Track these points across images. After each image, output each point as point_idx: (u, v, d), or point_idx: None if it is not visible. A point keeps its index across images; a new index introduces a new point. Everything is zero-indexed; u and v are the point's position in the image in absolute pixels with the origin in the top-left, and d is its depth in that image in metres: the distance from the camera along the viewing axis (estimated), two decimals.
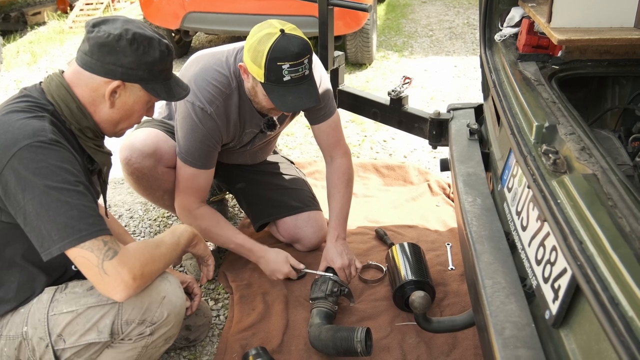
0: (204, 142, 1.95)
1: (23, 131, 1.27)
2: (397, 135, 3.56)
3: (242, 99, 1.98)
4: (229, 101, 1.94)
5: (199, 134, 1.92)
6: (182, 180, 2.02)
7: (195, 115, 1.90)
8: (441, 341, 1.87)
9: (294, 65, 1.75)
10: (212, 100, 1.90)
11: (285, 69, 1.74)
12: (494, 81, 1.79)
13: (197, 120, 1.90)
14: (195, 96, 1.89)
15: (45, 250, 1.26)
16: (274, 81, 1.76)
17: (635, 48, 1.75)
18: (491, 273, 1.25)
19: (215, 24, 4.78)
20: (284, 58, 1.73)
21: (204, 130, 1.92)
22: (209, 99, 1.90)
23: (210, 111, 1.90)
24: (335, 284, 1.97)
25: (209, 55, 2.00)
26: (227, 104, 1.94)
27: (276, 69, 1.74)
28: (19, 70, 5.25)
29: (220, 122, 1.94)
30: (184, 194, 2.04)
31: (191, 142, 1.94)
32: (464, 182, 1.65)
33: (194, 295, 1.74)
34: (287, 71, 1.75)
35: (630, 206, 1.03)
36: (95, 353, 1.44)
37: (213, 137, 1.96)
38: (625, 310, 0.84)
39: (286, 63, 1.73)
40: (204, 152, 1.97)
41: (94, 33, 1.35)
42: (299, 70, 1.77)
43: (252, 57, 1.76)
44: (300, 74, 1.78)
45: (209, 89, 1.90)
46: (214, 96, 1.91)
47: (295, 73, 1.76)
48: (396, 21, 6.82)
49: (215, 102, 1.91)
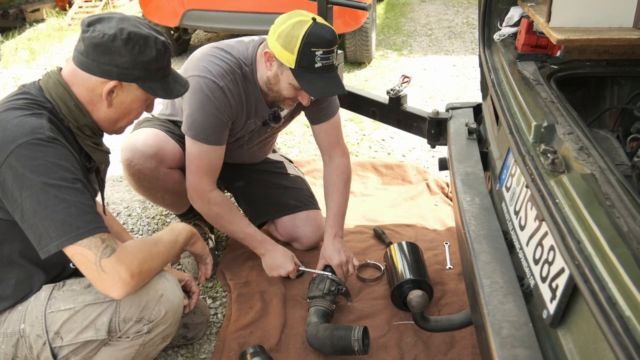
0: (216, 115, 1.89)
1: (21, 129, 1.27)
2: (396, 134, 3.56)
3: (248, 87, 1.96)
4: (237, 82, 1.93)
5: (211, 107, 1.88)
6: (193, 160, 1.95)
7: (207, 87, 1.86)
8: (439, 340, 1.87)
9: (327, 52, 1.77)
10: (224, 75, 1.89)
11: (318, 55, 1.76)
12: (492, 80, 1.79)
13: (209, 93, 1.86)
14: (207, 70, 1.87)
15: (43, 247, 1.26)
16: (306, 67, 1.77)
17: (634, 48, 1.75)
18: (489, 272, 1.25)
19: (214, 21, 4.78)
20: (318, 44, 1.75)
21: (215, 103, 1.88)
22: (220, 74, 1.88)
23: (222, 85, 1.88)
24: (333, 283, 1.97)
25: (217, 42, 2.00)
26: (236, 83, 1.93)
27: (309, 55, 1.75)
28: (17, 67, 5.24)
29: (231, 98, 1.91)
30: (196, 174, 1.97)
31: (203, 116, 1.89)
32: (462, 182, 1.65)
33: (192, 294, 1.74)
34: (319, 57, 1.76)
35: (628, 206, 1.03)
36: (92, 351, 1.44)
37: (225, 112, 1.91)
38: (623, 310, 0.84)
39: (320, 49, 1.75)
40: (217, 126, 1.92)
41: (89, 33, 1.34)
42: (329, 58, 1.79)
43: (284, 43, 1.76)
44: (330, 61, 1.80)
45: (220, 65, 1.89)
46: (226, 71, 1.89)
47: (327, 60, 1.78)
48: (395, 20, 6.81)
49: (227, 77, 1.89)
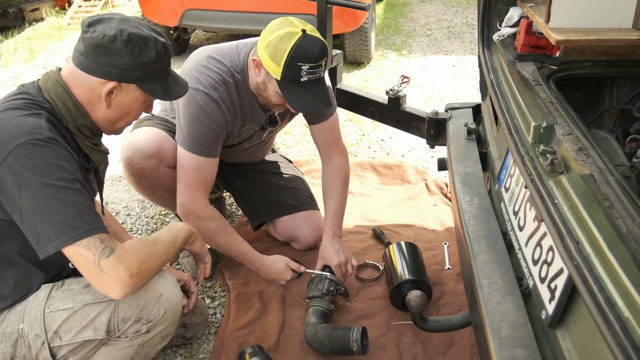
0: (210, 127, 1.88)
1: (20, 129, 1.26)
2: (395, 135, 3.56)
3: (241, 95, 1.96)
4: (230, 92, 1.92)
5: (204, 118, 1.87)
6: (187, 172, 1.91)
7: (200, 99, 1.85)
8: (437, 340, 1.87)
9: (313, 67, 1.74)
10: (216, 86, 1.88)
11: (304, 70, 1.74)
12: (492, 81, 1.79)
13: (202, 104, 1.86)
14: (199, 82, 1.87)
15: (42, 248, 1.26)
16: (291, 80, 1.76)
17: (634, 49, 1.75)
18: (488, 273, 1.25)
19: (213, 21, 4.77)
20: (305, 59, 1.72)
21: (209, 114, 1.87)
22: (212, 85, 1.87)
23: (215, 96, 1.87)
24: (332, 283, 1.97)
25: (211, 48, 1.99)
26: (229, 93, 1.92)
27: (295, 69, 1.73)
28: (16, 67, 5.24)
29: (225, 109, 1.91)
30: (190, 188, 1.91)
31: (196, 128, 1.87)
32: (461, 182, 1.65)
33: (191, 293, 1.74)
34: (305, 72, 1.74)
35: (627, 207, 1.03)
36: (91, 350, 1.44)
37: (219, 122, 1.90)
38: (622, 311, 0.84)
39: (306, 64, 1.73)
40: (210, 137, 1.90)
41: (89, 33, 1.34)
42: (316, 72, 1.77)
43: (271, 54, 1.74)
44: (317, 75, 1.78)
45: (212, 76, 1.88)
46: (218, 82, 1.88)
47: (313, 75, 1.76)
48: (395, 20, 6.81)
49: (219, 89, 1.89)
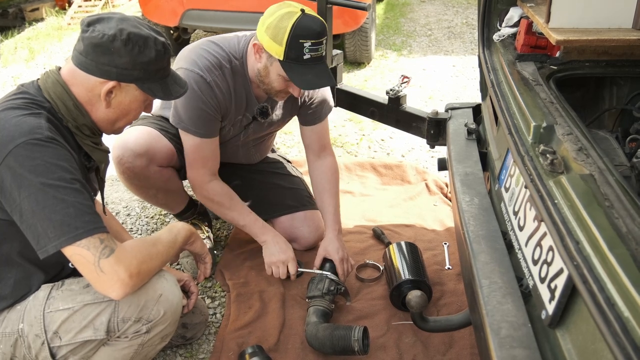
0: (204, 110, 1.92)
1: (19, 128, 1.26)
2: (395, 135, 3.56)
3: (237, 80, 1.97)
4: (225, 76, 1.94)
5: (198, 101, 1.90)
6: (188, 153, 2.00)
7: (194, 82, 1.87)
8: (437, 340, 1.87)
9: (315, 44, 1.76)
10: (211, 69, 1.90)
11: (306, 47, 1.75)
12: (492, 81, 1.79)
13: (195, 87, 1.88)
14: (195, 64, 1.89)
15: (42, 248, 1.26)
16: (294, 59, 1.77)
17: (634, 49, 1.75)
18: (488, 273, 1.25)
19: (213, 21, 4.77)
20: (307, 36, 1.74)
21: (202, 98, 1.90)
22: (207, 68, 1.89)
23: (210, 79, 1.90)
24: (332, 283, 1.97)
25: (213, 37, 2.01)
26: (224, 77, 1.94)
27: (298, 47, 1.75)
28: (16, 67, 5.24)
29: (218, 92, 1.93)
30: (193, 167, 2.03)
31: (191, 110, 1.92)
32: (461, 182, 1.65)
33: (191, 293, 1.74)
34: (308, 49, 1.76)
35: (627, 207, 1.03)
36: (91, 351, 1.44)
37: (213, 106, 1.93)
38: (622, 311, 0.84)
39: (308, 41, 1.75)
40: (205, 119, 1.94)
41: (89, 33, 1.34)
42: (318, 49, 1.78)
43: (272, 34, 1.76)
44: (319, 53, 1.79)
45: (209, 59, 1.90)
46: (214, 66, 1.90)
47: (315, 52, 1.78)
48: (395, 20, 6.81)
49: (214, 72, 1.91)
